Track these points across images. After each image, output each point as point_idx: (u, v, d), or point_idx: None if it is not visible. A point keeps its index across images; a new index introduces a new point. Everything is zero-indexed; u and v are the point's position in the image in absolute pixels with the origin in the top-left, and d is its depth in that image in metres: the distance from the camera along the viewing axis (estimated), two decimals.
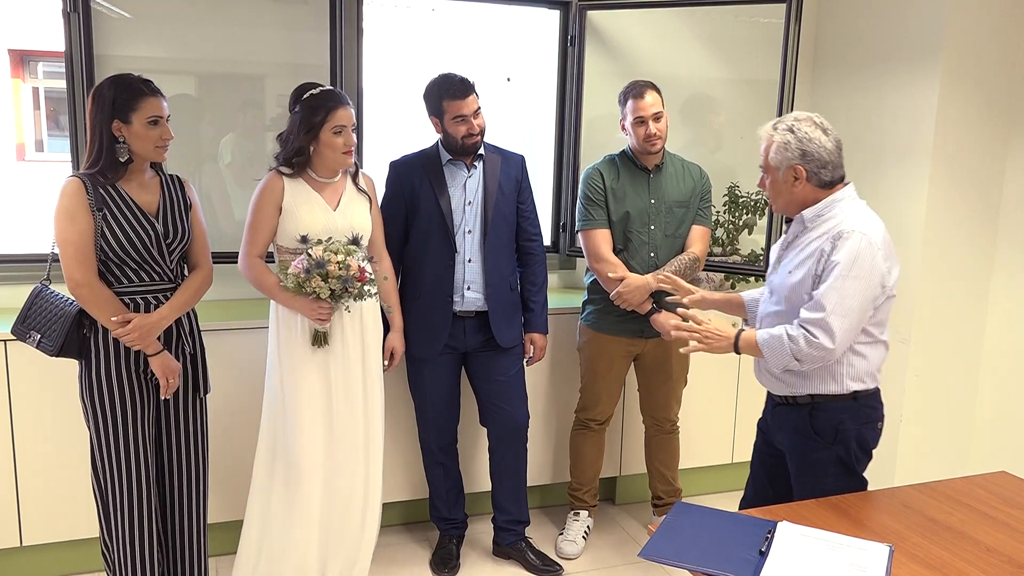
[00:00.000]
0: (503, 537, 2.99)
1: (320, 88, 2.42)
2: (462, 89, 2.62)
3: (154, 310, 2.20)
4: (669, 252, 2.87)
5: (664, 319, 2.76)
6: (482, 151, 2.75)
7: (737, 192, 3.43)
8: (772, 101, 3.06)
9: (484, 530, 3.12)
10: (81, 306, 2.14)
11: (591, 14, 3.40)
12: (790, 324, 1.98)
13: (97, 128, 2.11)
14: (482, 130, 2.69)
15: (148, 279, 2.20)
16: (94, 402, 2.17)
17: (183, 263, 2.33)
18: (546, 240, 3.43)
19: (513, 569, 2.96)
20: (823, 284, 1.93)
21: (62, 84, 2.90)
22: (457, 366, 2.86)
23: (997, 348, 3.35)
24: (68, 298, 2.18)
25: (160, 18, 2.95)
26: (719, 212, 3.38)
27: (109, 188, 2.13)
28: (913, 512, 1.88)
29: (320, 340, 2.44)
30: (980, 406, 3.43)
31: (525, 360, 2.91)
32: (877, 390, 2.08)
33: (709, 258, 3.13)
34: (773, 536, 1.68)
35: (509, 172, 2.79)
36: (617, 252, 2.86)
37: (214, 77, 3.12)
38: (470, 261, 2.73)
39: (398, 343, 2.71)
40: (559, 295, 3.47)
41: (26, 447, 2.65)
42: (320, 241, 2.37)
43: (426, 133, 2.79)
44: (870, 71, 3.42)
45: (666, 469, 3.17)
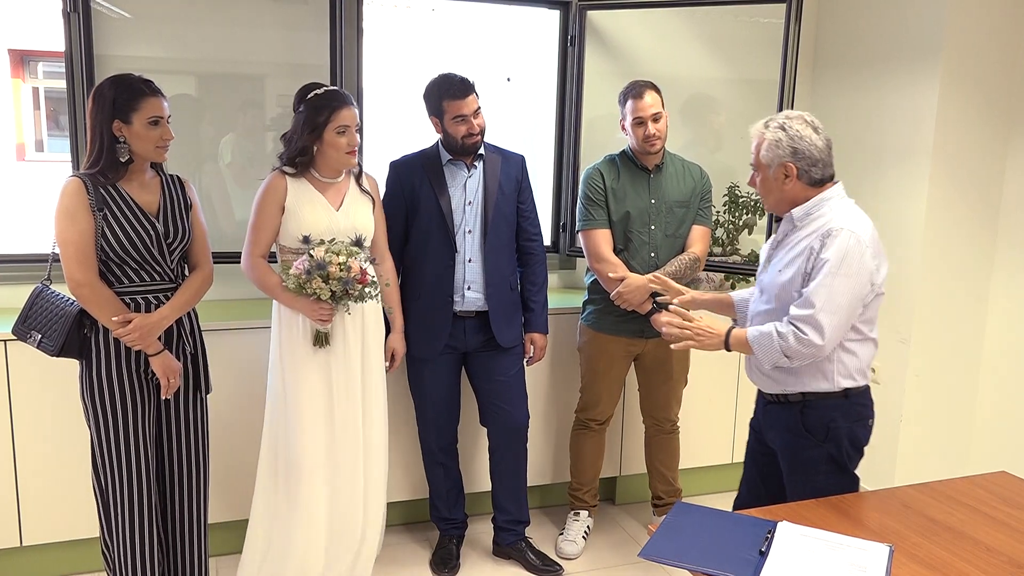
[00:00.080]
0: (503, 537, 2.99)
1: (324, 88, 2.42)
2: (462, 89, 2.62)
3: (155, 310, 2.20)
4: (669, 252, 2.87)
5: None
6: (482, 151, 2.75)
7: (737, 192, 3.43)
8: (772, 101, 3.06)
9: (484, 530, 3.12)
10: (82, 306, 2.14)
11: (591, 14, 3.40)
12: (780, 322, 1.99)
13: (98, 128, 2.11)
14: (482, 130, 2.69)
15: (149, 279, 2.20)
16: (95, 402, 2.18)
17: (183, 263, 2.33)
18: (546, 240, 3.44)
19: (513, 569, 2.96)
20: (812, 281, 1.94)
21: (62, 84, 2.90)
22: (457, 366, 2.86)
23: (997, 348, 3.35)
24: (69, 298, 2.18)
25: (160, 18, 2.95)
26: (719, 212, 3.38)
27: (110, 188, 2.13)
28: (913, 512, 1.88)
29: (321, 340, 2.45)
30: (980, 406, 3.43)
31: (525, 360, 2.91)
32: (867, 388, 2.09)
33: (709, 258, 3.14)
34: (773, 536, 1.68)
35: (509, 172, 2.79)
36: (617, 252, 2.86)
37: (214, 77, 3.12)
38: (470, 261, 2.73)
39: (399, 344, 2.71)
40: (559, 295, 3.48)
41: (26, 447, 2.65)
42: (323, 242, 2.37)
43: (426, 133, 2.79)
44: (870, 71, 3.42)
45: (666, 469, 3.17)
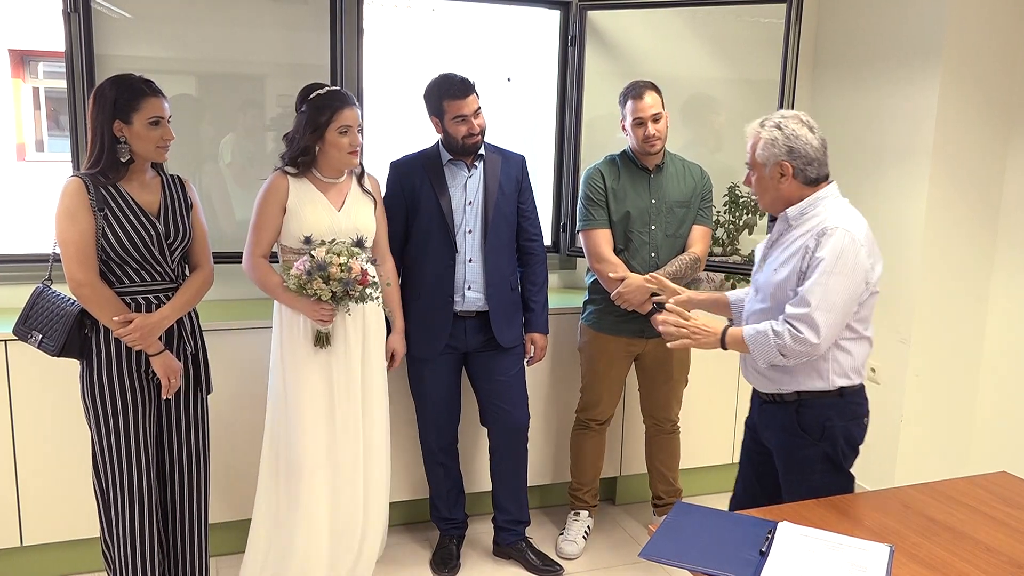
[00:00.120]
0: (503, 537, 2.99)
1: (327, 88, 2.43)
2: (462, 89, 2.62)
3: (155, 310, 2.20)
4: (670, 252, 2.87)
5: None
6: (482, 151, 2.75)
7: (737, 192, 3.42)
8: (772, 101, 3.05)
9: (484, 530, 3.12)
10: (82, 306, 2.15)
11: (591, 14, 3.40)
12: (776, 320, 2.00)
13: (98, 128, 2.11)
14: (482, 130, 2.69)
15: (149, 279, 2.20)
16: (95, 402, 2.18)
17: (184, 263, 2.33)
18: (546, 240, 3.43)
19: (513, 569, 2.96)
20: (808, 280, 1.94)
21: (62, 84, 2.90)
22: (457, 366, 2.86)
23: (997, 348, 3.35)
24: (69, 298, 2.18)
25: (160, 18, 2.95)
26: (719, 212, 3.38)
27: (110, 188, 2.13)
28: (913, 512, 1.88)
29: (322, 341, 2.45)
30: (980, 406, 3.43)
31: (526, 360, 2.91)
32: (862, 386, 2.09)
33: (709, 258, 3.14)
34: (773, 536, 1.68)
35: (509, 172, 2.79)
36: (618, 252, 2.86)
37: (214, 77, 3.12)
38: (471, 261, 2.73)
39: (399, 345, 2.71)
40: (559, 295, 3.48)
41: (26, 447, 2.65)
42: (324, 242, 2.37)
43: (426, 133, 2.79)
44: (870, 71, 3.42)
45: (666, 469, 3.17)
